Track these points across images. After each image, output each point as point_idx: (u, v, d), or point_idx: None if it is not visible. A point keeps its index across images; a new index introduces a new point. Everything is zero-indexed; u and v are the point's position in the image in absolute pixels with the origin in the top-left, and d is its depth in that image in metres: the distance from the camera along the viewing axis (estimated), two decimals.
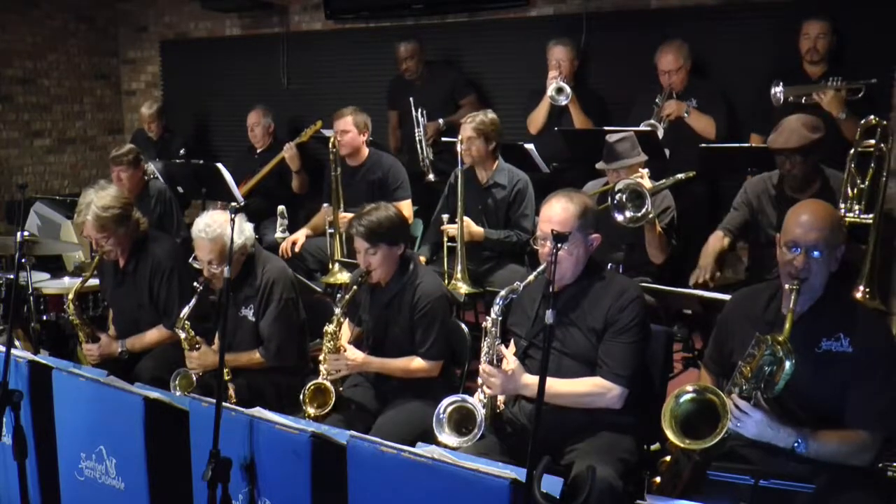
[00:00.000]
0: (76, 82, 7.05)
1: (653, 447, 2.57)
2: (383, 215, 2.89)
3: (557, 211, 2.51)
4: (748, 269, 3.60)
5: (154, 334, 3.46)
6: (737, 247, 3.65)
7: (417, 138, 5.06)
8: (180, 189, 5.06)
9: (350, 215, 4.17)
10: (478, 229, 3.91)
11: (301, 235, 4.60)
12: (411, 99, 5.14)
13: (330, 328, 2.93)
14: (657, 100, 4.44)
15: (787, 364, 2.05)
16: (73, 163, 7.11)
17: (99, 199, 3.33)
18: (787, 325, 2.09)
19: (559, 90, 4.63)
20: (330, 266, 4.27)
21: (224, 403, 2.24)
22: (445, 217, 3.97)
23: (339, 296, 3.21)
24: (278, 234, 4.82)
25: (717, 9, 4.89)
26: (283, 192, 5.33)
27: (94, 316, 4.06)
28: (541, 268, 2.50)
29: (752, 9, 4.81)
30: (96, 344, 3.46)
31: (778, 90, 3.81)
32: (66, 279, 4.34)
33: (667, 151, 4.10)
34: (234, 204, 4.35)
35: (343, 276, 4.07)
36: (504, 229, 3.99)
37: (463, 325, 3.06)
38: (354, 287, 2.96)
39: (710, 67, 4.79)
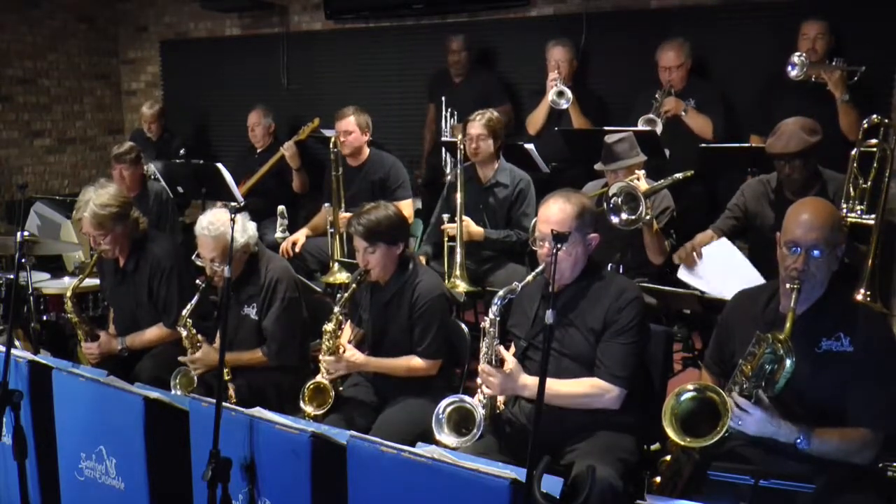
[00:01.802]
0: (76, 82, 7.04)
1: (653, 447, 2.57)
2: (382, 214, 2.89)
3: (555, 211, 2.51)
4: None
5: (154, 332, 3.46)
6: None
7: (442, 138, 5.05)
8: (180, 189, 5.06)
9: (350, 215, 4.18)
10: (477, 229, 3.91)
11: (301, 236, 4.59)
12: (443, 98, 5.14)
13: (329, 327, 2.93)
14: (657, 95, 4.44)
15: (788, 362, 2.05)
16: (74, 163, 7.10)
17: (97, 196, 3.33)
18: (788, 324, 2.09)
19: (560, 94, 4.62)
20: (330, 266, 4.26)
21: (224, 403, 2.24)
22: (446, 216, 3.97)
23: (338, 295, 3.20)
24: (278, 234, 4.82)
25: (717, 9, 4.89)
26: (283, 192, 5.32)
27: (94, 316, 4.06)
28: (539, 268, 2.50)
29: (752, 9, 4.80)
30: (96, 342, 3.46)
31: (797, 59, 3.77)
32: (67, 279, 4.33)
33: (667, 151, 4.10)
34: (233, 204, 4.35)
35: (343, 276, 4.07)
36: (505, 229, 3.99)
37: (463, 325, 3.06)
38: (353, 285, 2.96)
39: (710, 67, 4.80)
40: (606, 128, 4.11)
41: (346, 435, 2.15)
